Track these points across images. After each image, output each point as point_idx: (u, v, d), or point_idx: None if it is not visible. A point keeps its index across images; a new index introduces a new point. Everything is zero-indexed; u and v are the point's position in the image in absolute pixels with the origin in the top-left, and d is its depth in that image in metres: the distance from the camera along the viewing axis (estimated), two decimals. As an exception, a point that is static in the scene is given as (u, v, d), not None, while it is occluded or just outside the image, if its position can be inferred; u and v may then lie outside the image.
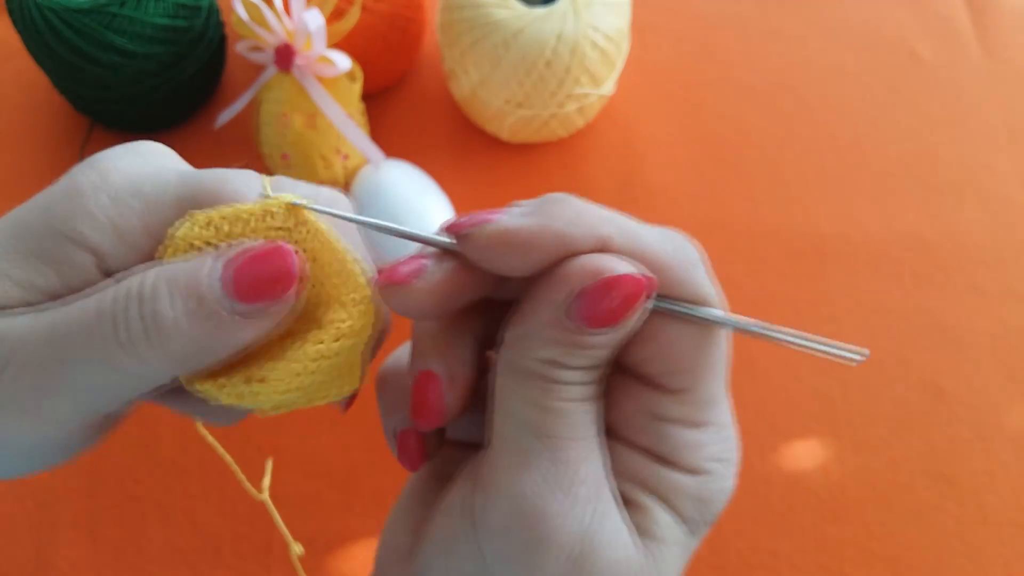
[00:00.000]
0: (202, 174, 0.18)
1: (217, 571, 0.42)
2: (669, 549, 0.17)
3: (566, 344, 0.16)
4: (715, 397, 0.18)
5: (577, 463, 0.16)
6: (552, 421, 0.16)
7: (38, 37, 0.46)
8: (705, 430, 0.18)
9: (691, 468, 0.17)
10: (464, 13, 0.46)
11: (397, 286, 0.17)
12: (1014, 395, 0.46)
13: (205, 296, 0.16)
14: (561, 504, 0.16)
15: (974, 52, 0.58)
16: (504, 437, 0.17)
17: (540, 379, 0.17)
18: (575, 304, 0.16)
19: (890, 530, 0.43)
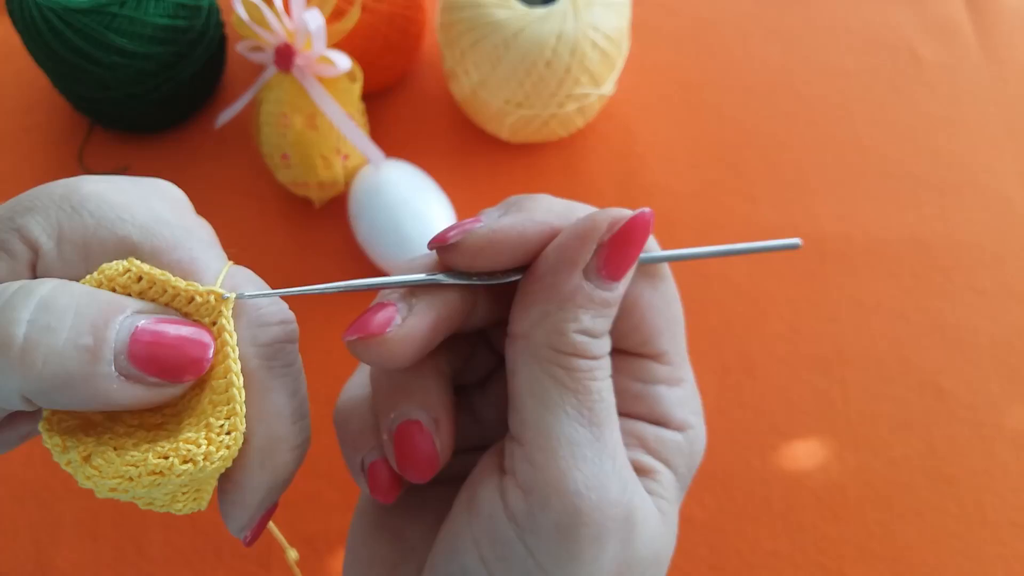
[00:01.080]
0: (159, 230, 0.17)
1: (217, 571, 0.42)
2: (672, 507, 0.18)
3: (594, 305, 0.17)
4: (684, 355, 0.19)
5: (616, 446, 0.17)
6: (596, 406, 0.16)
7: (38, 37, 0.46)
8: (683, 387, 0.19)
9: (680, 425, 0.19)
10: (464, 13, 0.46)
11: (370, 339, 0.16)
12: (1013, 395, 0.46)
13: (105, 340, 0.15)
14: (615, 494, 0.16)
15: (974, 52, 0.58)
16: (544, 432, 0.16)
17: (580, 356, 0.16)
18: (602, 258, 0.16)
19: (890, 530, 0.43)
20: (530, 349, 0.17)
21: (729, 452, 0.45)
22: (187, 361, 0.15)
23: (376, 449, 0.19)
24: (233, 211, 0.52)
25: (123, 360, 0.15)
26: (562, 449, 0.16)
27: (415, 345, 0.17)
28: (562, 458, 0.16)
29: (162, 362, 0.15)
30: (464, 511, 0.17)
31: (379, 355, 0.16)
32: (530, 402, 0.17)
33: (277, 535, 0.22)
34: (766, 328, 0.48)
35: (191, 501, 0.17)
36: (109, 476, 0.15)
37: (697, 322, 0.48)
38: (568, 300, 0.16)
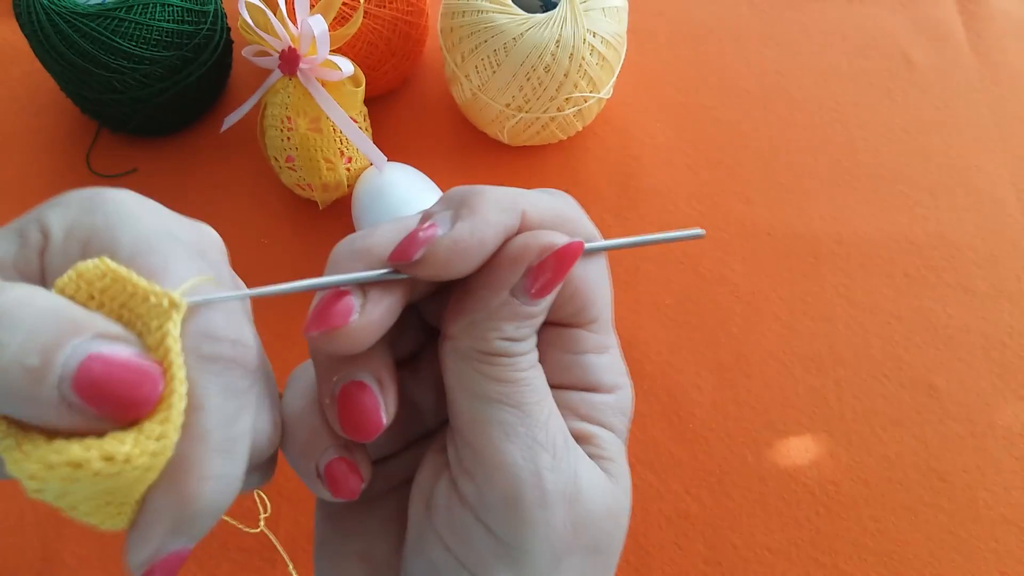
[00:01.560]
0: (153, 239, 0.16)
1: (222, 565, 0.43)
2: (619, 465, 0.19)
3: (519, 318, 0.18)
4: (610, 323, 0.20)
5: (547, 421, 0.18)
6: (520, 391, 0.18)
7: (45, 41, 0.47)
8: (610, 352, 0.20)
9: (610, 388, 0.20)
10: (465, 19, 0.47)
11: (334, 331, 0.16)
12: (1005, 393, 0.47)
13: (51, 362, 0.14)
14: (549, 461, 0.17)
15: (966, 56, 0.59)
16: (477, 418, 0.17)
17: (502, 356, 0.18)
18: (524, 282, 0.17)
19: (883, 525, 0.44)
20: (457, 350, 0.18)
21: (725, 449, 0.45)
22: (131, 403, 0.14)
23: (330, 449, 0.19)
24: (238, 212, 0.53)
25: (67, 388, 0.14)
26: (494, 430, 0.17)
27: (375, 332, 0.17)
28: (495, 437, 0.17)
29: (106, 399, 0.14)
30: (421, 510, 0.18)
31: (342, 345, 0.17)
32: (460, 394, 0.18)
33: (282, 553, 0.22)
34: (761, 327, 0.49)
35: (114, 515, 0.16)
36: (32, 461, 0.14)
37: (695, 322, 0.49)
38: (494, 314, 0.18)
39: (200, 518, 0.15)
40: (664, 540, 0.43)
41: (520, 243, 0.18)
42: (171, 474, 0.15)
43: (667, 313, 0.49)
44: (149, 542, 0.15)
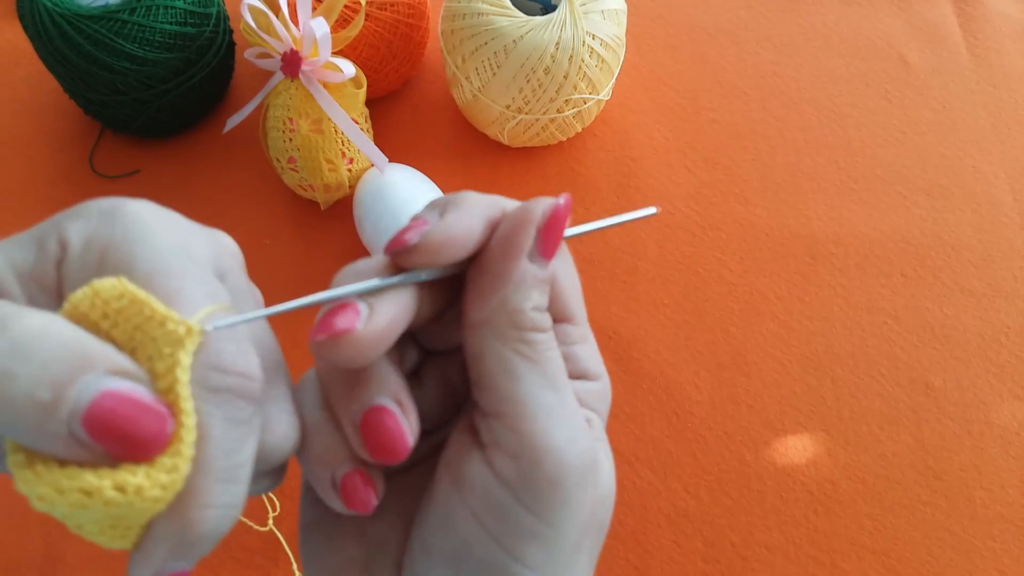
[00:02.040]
0: (169, 259, 0.16)
1: (225, 563, 0.43)
2: (607, 447, 0.20)
3: (541, 284, 0.19)
4: (585, 315, 0.21)
5: (575, 403, 0.19)
6: (557, 374, 0.19)
7: (49, 43, 0.47)
8: (590, 342, 0.21)
9: (595, 375, 0.21)
10: (465, 21, 0.47)
11: (339, 337, 0.16)
12: (1001, 392, 0.47)
13: (63, 400, 0.14)
14: (585, 443, 0.18)
15: (963, 57, 0.60)
16: (522, 403, 0.18)
17: (538, 331, 0.18)
18: (539, 241, 0.19)
19: (880, 524, 0.44)
20: (495, 332, 0.18)
21: (723, 447, 0.46)
22: (140, 443, 0.14)
23: (347, 462, 0.19)
24: (241, 213, 0.53)
25: (76, 424, 0.14)
26: (541, 414, 0.18)
27: (381, 340, 0.17)
28: (543, 422, 0.18)
29: (115, 438, 0.14)
30: (451, 488, 0.19)
31: (348, 353, 0.17)
32: (503, 379, 0.18)
33: (288, 552, 0.22)
34: (759, 327, 0.49)
35: (119, 537, 0.16)
36: (43, 484, 0.14)
37: (693, 321, 0.50)
38: (520, 282, 0.18)
39: (201, 543, 0.16)
40: (663, 538, 0.44)
41: (524, 209, 0.19)
42: (175, 502, 0.15)
43: (665, 313, 0.50)
44: (151, 563, 0.16)
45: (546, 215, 0.19)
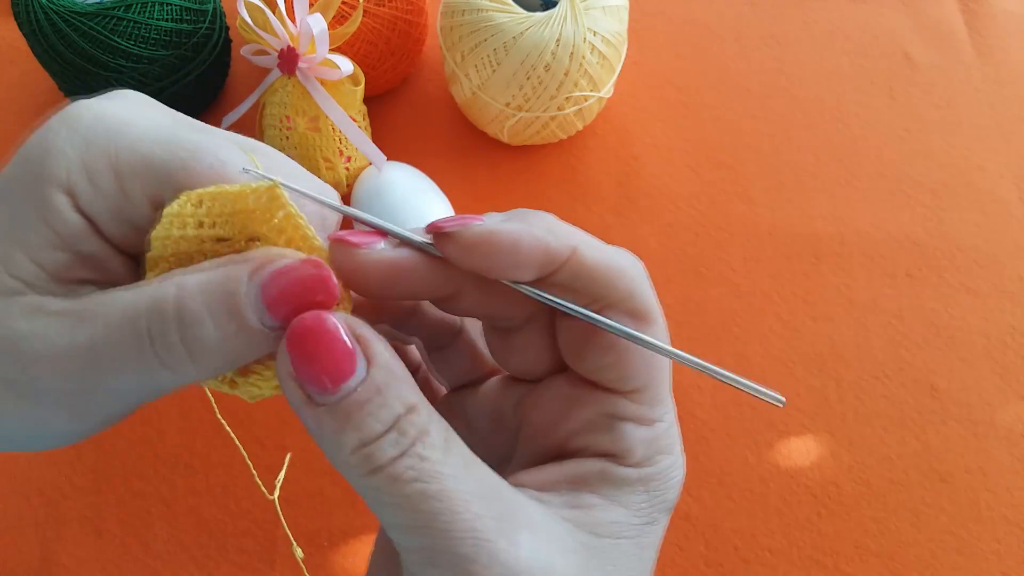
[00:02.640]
0: (177, 140, 0.17)
1: (221, 567, 0.43)
2: (621, 545, 0.18)
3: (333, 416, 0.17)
4: (664, 395, 0.19)
5: (453, 520, 0.16)
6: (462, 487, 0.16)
7: (44, 40, 0.47)
8: (655, 427, 0.19)
9: (638, 462, 0.19)
10: (465, 17, 0.47)
11: (350, 246, 0.17)
12: (1007, 393, 0.47)
13: (245, 318, 0.16)
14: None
15: (967, 55, 0.59)
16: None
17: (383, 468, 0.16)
18: (296, 364, 0.17)
19: (885, 526, 0.44)
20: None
21: (726, 449, 0.45)
22: (319, 293, 0.16)
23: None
24: (236, 212, 0.53)
25: (269, 321, 0.16)
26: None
27: (386, 272, 0.17)
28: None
29: (299, 306, 0.16)
30: None
31: (352, 263, 0.17)
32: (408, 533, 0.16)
33: (287, 532, 0.22)
34: (762, 327, 0.49)
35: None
36: (271, 377, 0.18)
37: (696, 321, 0.49)
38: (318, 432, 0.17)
39: None
40: (665, 541, 0.43)
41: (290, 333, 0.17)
42: None
43: (668, 313, 0.49)
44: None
45: (295, 335, 0.16)
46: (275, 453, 0.45)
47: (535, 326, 0.20)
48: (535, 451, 0.20)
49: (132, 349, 0.16)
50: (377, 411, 0.16)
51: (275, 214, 0.17)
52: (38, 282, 0.17)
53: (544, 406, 0.20)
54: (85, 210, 0.17)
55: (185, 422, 0.46)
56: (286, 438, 0.46)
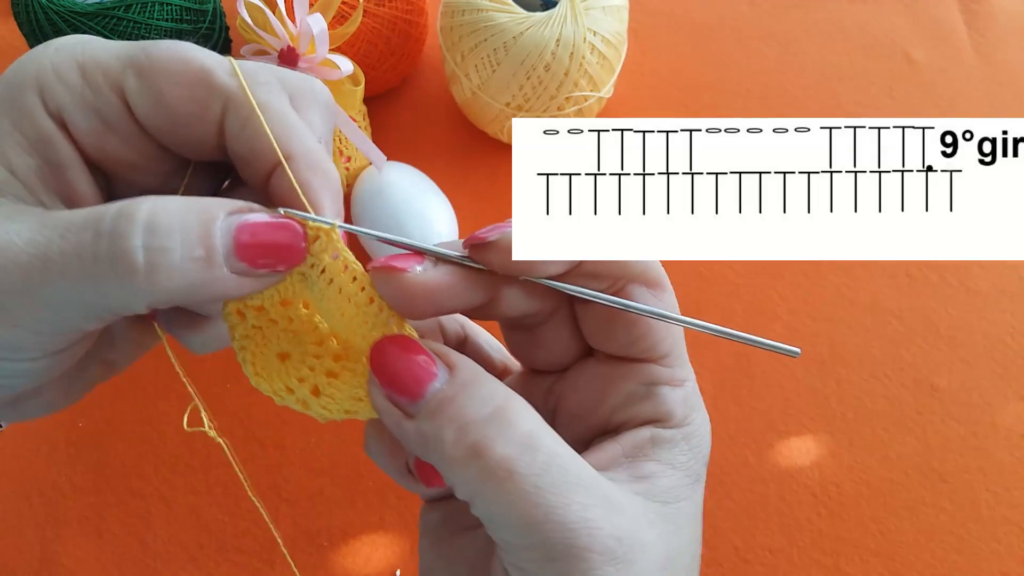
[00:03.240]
0: (151, 43, 0.18)
1: (221, 567, 0.43)
2: (680, 507, 0.19)
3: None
4: (684, 358, 0.21)
5: (577, 481, 0.17)
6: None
7: (43, 40, 0.47)
8: (685, 387, 0.20)
9: (680, 422, 0.20)
10: (465, 17, 0.47)
11: (393, 271, 0.18)
12: (1007, 393, 0.47)
13: (213, 246, 0.16)
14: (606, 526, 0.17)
15: (968, 55, 0.59)
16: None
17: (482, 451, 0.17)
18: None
19: (885, 526, 0.44)
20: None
21: (726, 450, 0.45)
22: (284, 251, 0.17)
23: None
24: (236, 212, 0.53)
25: (233, 260, 0.17)
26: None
27: (430, 292, 0.18)
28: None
29: (266, 254, 0.17)
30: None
31: (396, 288, 0.18)
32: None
33: (239, 470, 0.23)
34: (762, 327, 0.49)
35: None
36: (265, 384, 0.19)
37: (695, 321, 0.49)
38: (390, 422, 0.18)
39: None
40: (665, 541, 0.43)
41: None
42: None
43: (668, 313, 0.49)
44: None
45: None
46: (275, 453, 0.45)
47: (558, 318, 0.21)
48: (578, 434, 0.21)
49: (86, 250, 0.16)
50: (469, 402, 0.17)
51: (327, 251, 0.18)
52: (8, 188, 0.17)
53: (581, 389, 0.21)
54: (54, 109, 0.17)
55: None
56: (286, 438, 0.46)
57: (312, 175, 0.18)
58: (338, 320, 0.19)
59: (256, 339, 0.19)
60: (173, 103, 0.18)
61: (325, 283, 0.18)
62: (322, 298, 0.18)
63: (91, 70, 0.18)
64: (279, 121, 0.18)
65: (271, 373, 0.19)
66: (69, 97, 0.18)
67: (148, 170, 0.20)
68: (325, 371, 0.19)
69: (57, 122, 0.18)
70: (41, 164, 0.18)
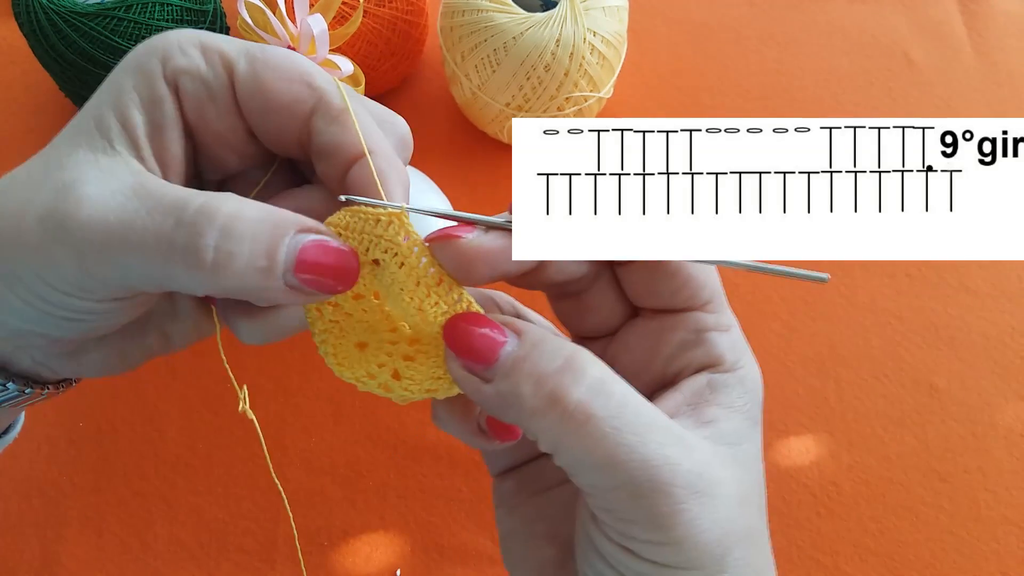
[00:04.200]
0: (268, 45, 0.21)
1: (222, 566, 0.43)
2: (745, 448, 0.20)
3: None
4: (726, 304, 0.21)
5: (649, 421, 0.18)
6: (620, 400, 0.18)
7: (44, 40, 0.47)
8: (731, 332, 0.21)
9: (732, 366, 0.20)
10: (465, 18, 0.47)
11: (449, 239, 0.19)
12: (1006, 393, 0.47)
13: (276, 260, 0.18)
14: (682, 456, 0.18)
15: (967, 55, 0.59)
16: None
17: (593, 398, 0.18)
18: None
19: (884, 526, 0.44)
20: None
21: (726, 449, 0.45)
22: (340, 279, 0.19)
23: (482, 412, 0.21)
24: (237, 212, 0.53)
25: (290, 276, 0.18)
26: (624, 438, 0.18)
27: (484, 255, 0.19)
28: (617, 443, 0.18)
29: (320, 280, 0.19)
30: (584, 535, 0.19)
31: (454, 254, 0.19)
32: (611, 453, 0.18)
33: (234, 382, 0.23)
34: (762, 327, 0.49)
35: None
36: (347, 371, 0.20)
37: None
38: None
39: None
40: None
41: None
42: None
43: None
44: None
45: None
46: (274, 453, 0.45)
47: (602, 282, 0.22)
48: (638, 391, 0.21)
49: (165, 235, 0.17)
50: (541, 358, 0.18)
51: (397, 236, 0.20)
52: (119, 140, 0.19)
53: (633, 348, 0.22)
54: (170, 75, 0.20)
55: (186, 422, 0.46)
56: (286, 438, 0.46)
57: (388, 168, 0.21)
58: (408, 305, 0.20)
59: (334, 332, 0.21)
60: (273, 90, 0.20)
61: (396, 266, 0.19)
62: (392, 283, 0.20)
63: (210, 48, 0.20)
64: (363, 123, 0.21)
65: (352, 362, 0.21)
66: (185, 64, 0.20)
67: (233, 149, 0.22)
68: (402, 355, 0.20)
69: (171, 87, 0.20)
70: (148, 122, 0.19)
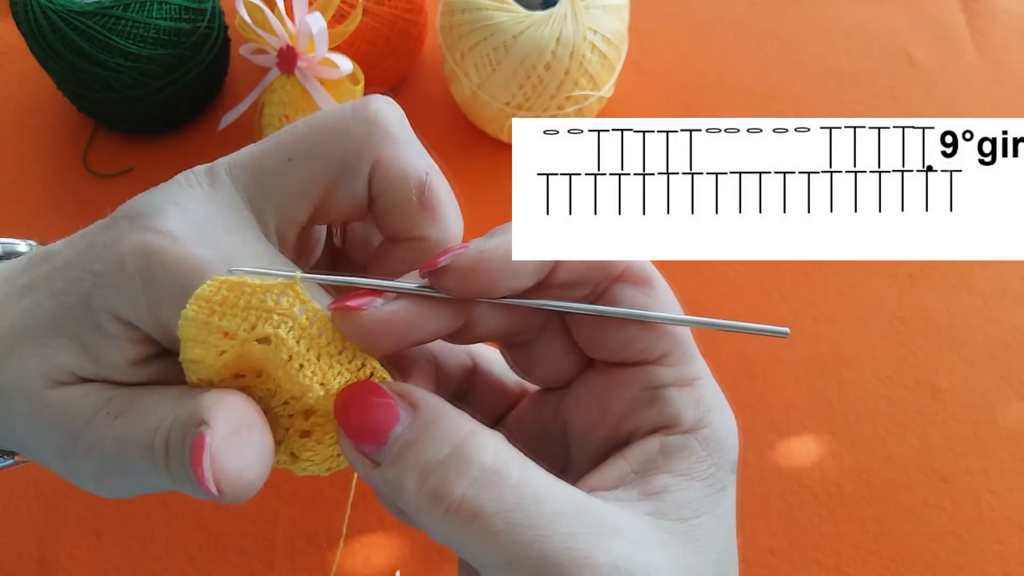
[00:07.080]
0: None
1: (220, 568, 0.43)
2: (701, 522, 0.17)
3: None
4: (692, 354, 0.19)
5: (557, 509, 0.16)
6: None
7: (42, 39, 0.46)
8: (696, 385, 0.19)
9: (693, 426, 0.18)
10: (465, 16, 0.47)
11: (348, 311, 0.17)
12: (1009, 394, 0.47)
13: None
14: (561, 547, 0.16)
15: (969, 54, 0.59)
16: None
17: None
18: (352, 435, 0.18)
19: (886, 527, 0.44)
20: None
21: (727, 450, 0.45)
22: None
23: None
24: (236, 212, 0.53)
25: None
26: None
27: (390, 326, 0.17)
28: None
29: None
30: None
31: (354, 327, 0.17)
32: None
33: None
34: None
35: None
36: (322, 460, 0.19)
37: (695, 322, 0.49)
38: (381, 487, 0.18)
39: None
40: (665, 542, 0.43)
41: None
42: None
43: (668, 313, 0.49)
44: None
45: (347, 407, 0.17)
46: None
47: (550, 332, 0.20)
48: (589, 451, 0.20)
49: (145, 460, 0.17)
50: (429, 444, 0.16)
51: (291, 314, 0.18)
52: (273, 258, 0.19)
53: (584, 402, 0.20)
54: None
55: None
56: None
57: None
58: (311, 380, 0.18)
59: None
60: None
61: (294, 340, 0.17)
62: (290, 359, 0.17)
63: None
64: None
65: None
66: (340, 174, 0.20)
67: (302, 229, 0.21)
68: (299, 432, 0.19)
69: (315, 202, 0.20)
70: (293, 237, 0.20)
